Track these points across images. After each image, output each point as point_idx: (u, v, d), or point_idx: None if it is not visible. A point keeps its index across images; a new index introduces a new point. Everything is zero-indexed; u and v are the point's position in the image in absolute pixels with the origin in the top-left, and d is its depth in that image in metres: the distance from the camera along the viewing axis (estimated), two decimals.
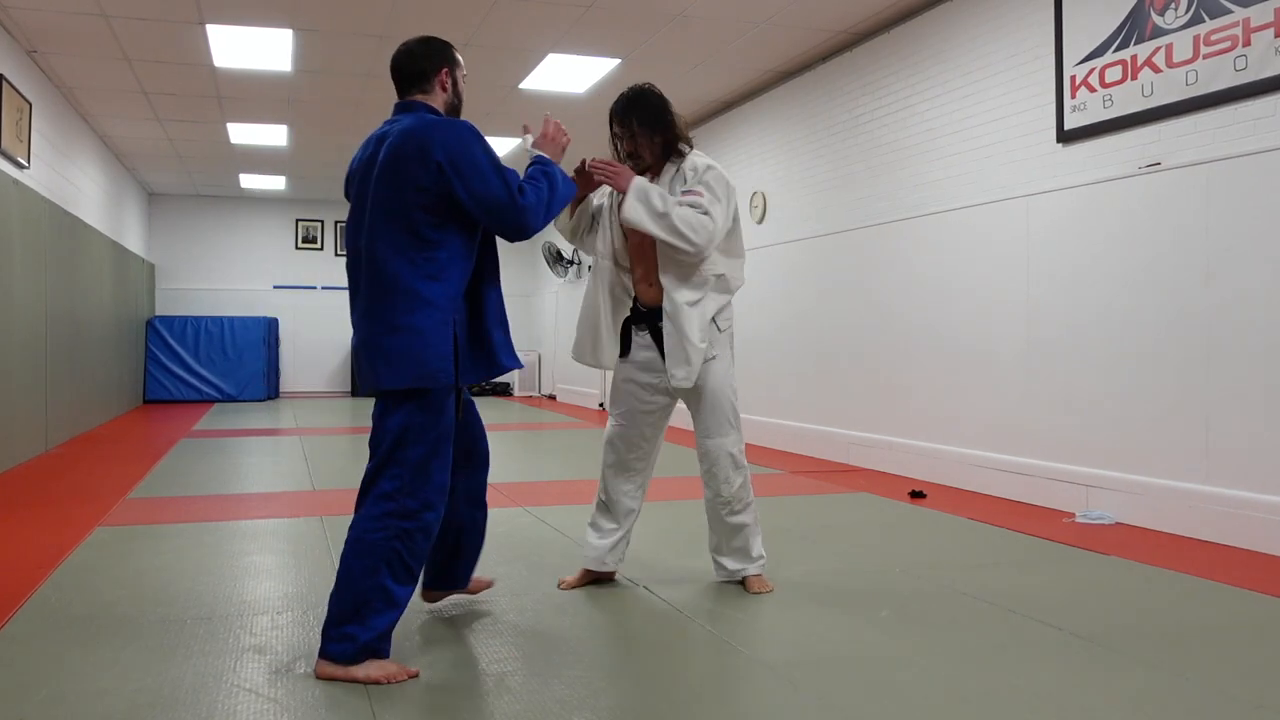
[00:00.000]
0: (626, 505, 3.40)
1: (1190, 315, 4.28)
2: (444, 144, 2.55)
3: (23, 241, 6.73)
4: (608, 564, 3.39)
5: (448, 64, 2.76)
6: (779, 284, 7.67)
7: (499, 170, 2.57)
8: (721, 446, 3.28)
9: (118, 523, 4.58)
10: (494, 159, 2.59)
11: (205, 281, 14.15)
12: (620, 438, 3.39)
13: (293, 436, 8.69)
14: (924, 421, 6.01)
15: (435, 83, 2.75)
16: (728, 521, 3.32)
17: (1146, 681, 2.50)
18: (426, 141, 2.55)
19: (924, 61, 6.03)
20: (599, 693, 2.40)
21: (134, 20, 6.37)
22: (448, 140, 2.56)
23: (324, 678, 2.47)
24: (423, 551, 2.61)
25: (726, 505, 3.30)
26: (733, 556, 3.36)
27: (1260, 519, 3.97)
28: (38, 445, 7.13)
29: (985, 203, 5.50)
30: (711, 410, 3.28)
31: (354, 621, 2.48)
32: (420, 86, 2.75)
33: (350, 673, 2.46)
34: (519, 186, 2.59)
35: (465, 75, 2.85)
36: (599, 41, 6.83)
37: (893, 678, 2.50)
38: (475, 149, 2.57)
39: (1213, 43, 4.18)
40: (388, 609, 2.52)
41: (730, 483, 3.28)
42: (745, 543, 3.34)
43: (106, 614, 3.06)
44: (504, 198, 2.55)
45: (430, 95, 2.75)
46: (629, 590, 3.37)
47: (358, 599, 2.49)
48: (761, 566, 3.36)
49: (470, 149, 2.56)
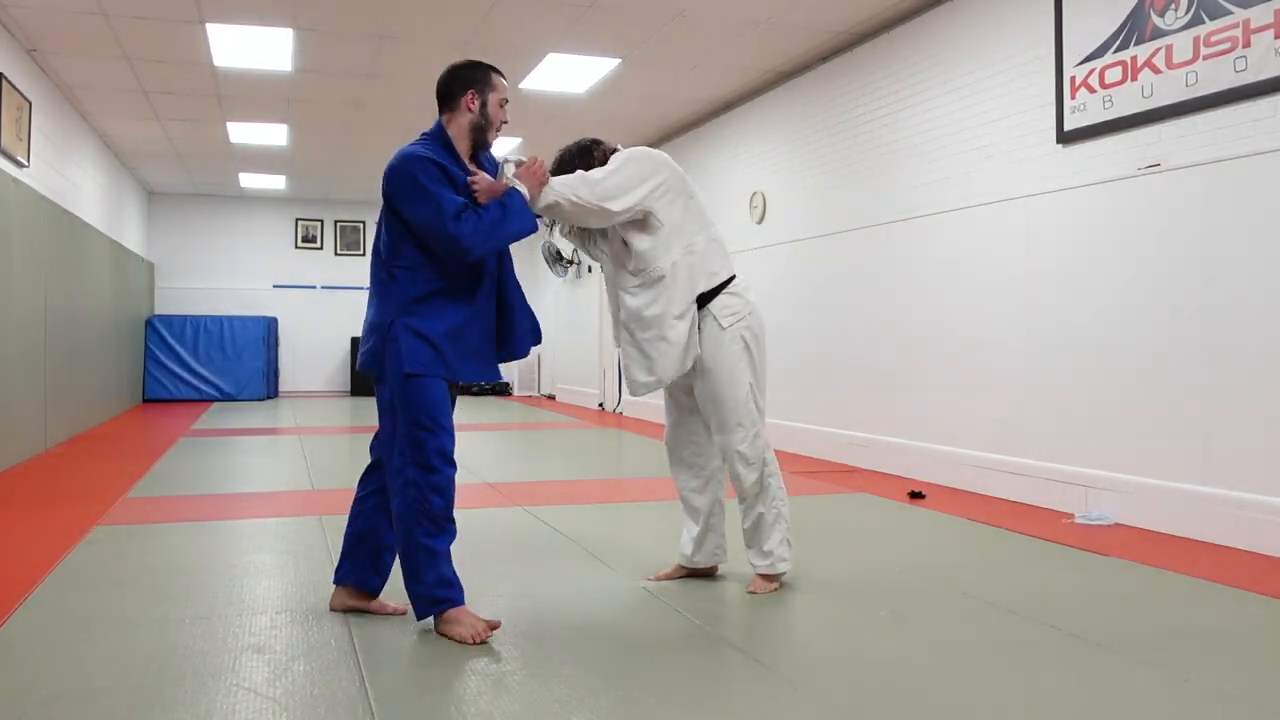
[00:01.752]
0: (693, 502, 3.45)
1: (1190, 316, 4.28)
2: (391, 173, 2.90)
3: (22, 240, 6.72)
4: (697, 561, 3.47)
5: (475, 86, 2.98)
6: (778, 284, 7.67)
7: (434, 199, 2.82)
8: (729, 444, 3.29)
9: (117, 522, 4.58)
10: (431, 189, 2.83)
11: (205, 281, 14.14)
12: (672, 436, 3.49)
13: (292, 436, 8.69)
14: (923, 422, 6.01)
15: (461, 103, 2.97)
16: (745, 515, 3.37)
17: (1146, 682, 2.50)
18: (387, 170, 2.92)
19: (924, 62, 6.03)
20: (599, 693, 2.40)
21: (134, 19, 6.36)
22: (393, 170, 2.90)
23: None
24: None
25: (743, 500, 3.36)
26: (751, 549, 3.40)
27: (1260, 520, 3.96)
28: (37, 444, 7.12)
29: (985, 203, 5.50)
30: (716, 408, 3.29)
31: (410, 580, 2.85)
32: (448, 106, 3.00)
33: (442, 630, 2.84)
34: (456, 213, 2.81)
35: (506, 100, 3.04)
36: (599, 41, 6.83)
37: (892, 678, 2.50)
38: (417, 179, 2.85)
39: (1213, 44, 4.18)
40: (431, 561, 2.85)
41: (742, 479, 3.29)
42: (758, 536, 3.35)
43: (105, 613, 3.06)
44: (434, 224, 2.81)
45: (456, 114, 2.99)
46: (629, 590, 3.37)
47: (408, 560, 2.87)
48: (770, 564, 3.34)
49: (411, 179, 2.85)
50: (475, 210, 2.85)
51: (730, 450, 3.28)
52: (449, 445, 2.94)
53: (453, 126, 2.99)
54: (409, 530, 2.85)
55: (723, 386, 3.25)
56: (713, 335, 3.25)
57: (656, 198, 3.18)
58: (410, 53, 7.07)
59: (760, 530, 3.34)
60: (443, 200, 2.81)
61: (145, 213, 13.52)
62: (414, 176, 2.84)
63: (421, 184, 2.83)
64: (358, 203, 14.71)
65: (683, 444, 3.46)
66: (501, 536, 4.22)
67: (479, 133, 3.00)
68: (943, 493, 5.48)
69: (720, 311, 3.26)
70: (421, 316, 2.88)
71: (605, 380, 11.94)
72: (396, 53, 7.07)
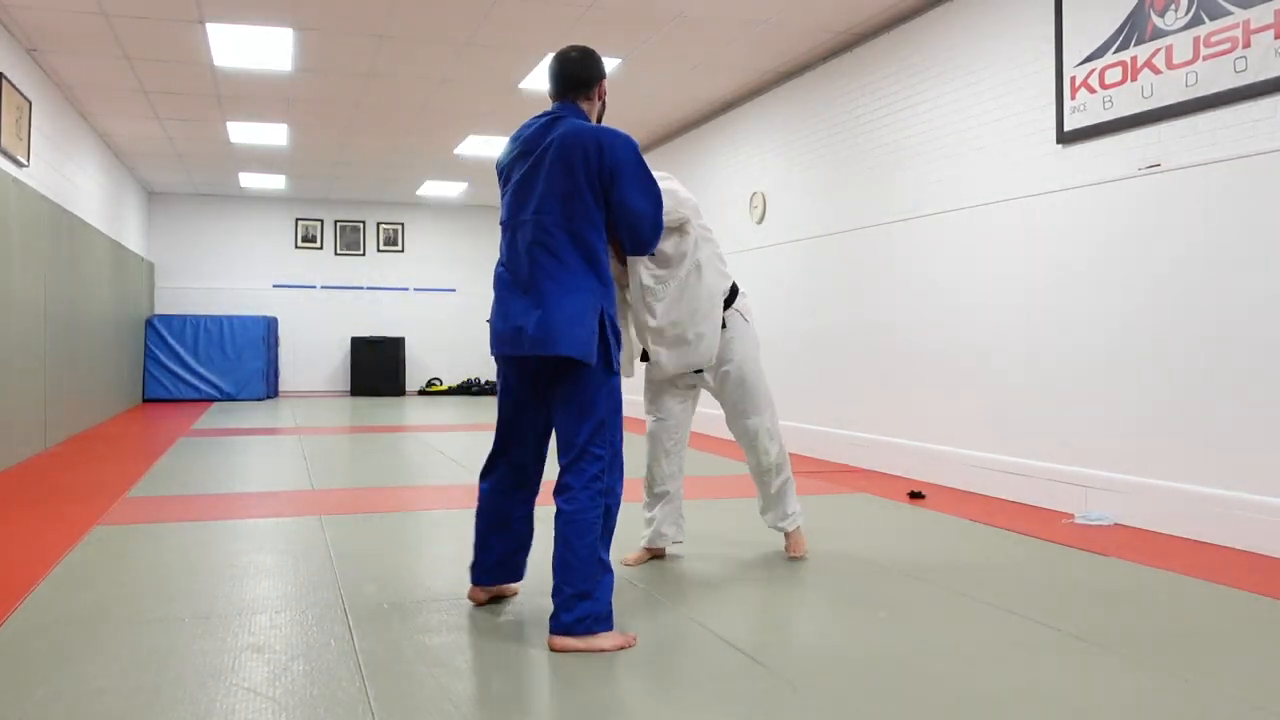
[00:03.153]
0: (667, 487, 3.78)
1: (1190, 316, 4.28)
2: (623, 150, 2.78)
3: (22, 240, 6.72)
4: (670, 537, 3.80)
5: (603, 76, 3.01)
6: (778, 284, 7.67)
7: (655, 193, 2.82)
8: (759, 424, 3.71)
9: (116, 521, 4.57)
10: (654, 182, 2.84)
11: (204, 280, 14.14)
12: (661, 429, 3.74)
13: (292, 436, 8.68)
14: (923, 422, 6.01)
15: (595, 91, 2.98)
16: (768, 484, 3.80)
17: (1145, 682, 2.49)
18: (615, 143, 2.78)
19: (924, 62, 6.03)
20: (598, 693, 2.40)
21: (134, 19, 6.36)
22: (626, 148, 2.79)
23: (561, 650, 2.66)
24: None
25: (767, 472, 3.78)
26: (773, 513, 3.85)
27: (1259, 520, 3.96)
28: (36, 444, 7.12)
29: (985, 204, 5.50)
30: (747, 393, 3.67)
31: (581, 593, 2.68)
32: (584, 93, 2.95)
33: (593, 643, 2.67)
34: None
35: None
36: (599, 41, 6.82)
37: (892, 678, 2.50)
38: (646, 168, 2.82)
39: (1213, 44, 4.18)
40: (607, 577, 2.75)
41: (769, 453, 3.74)
42: (783, 501, 3.82)
43: (105, 613, 3.06)
44: (650, 218, 2.82)
45: (591, 102, 2.97)
46: (629, 590, 3.37)
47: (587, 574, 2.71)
48: (795, 519, 3.83)
49: (643, 166, 2.81)
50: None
51: (760, 429, 3.70)
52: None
53: (588, 112, 2.95)
54: (587, 538, 2.70)
55: (753, 374, 3.68)
56: (741, 329, 3.66)
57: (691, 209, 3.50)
58: (410, 53, 7.07)
59: (785, 495, 3.80)
60: (659, 195, 2.83)
61: (145, 213, 13.52)
62: (644, 164, 2.82)
63: (648, 173, 2.81)
64: (358, 203, 14.72)
65: (669, 435, 3.75)
66: None
67: (601, 121, 3.01)
68: (943, 493, 5.48)
69: (743, 309, 3.71)
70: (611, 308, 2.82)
71: None
72: (396, 53, 7.07)
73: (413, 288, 15.04)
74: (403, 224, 15.03)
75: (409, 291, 15.03)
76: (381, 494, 5.51)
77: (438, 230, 15.12)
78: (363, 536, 4.28)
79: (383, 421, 10.03)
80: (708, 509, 4.88)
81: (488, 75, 7.67)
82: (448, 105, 8.69)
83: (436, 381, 14.93)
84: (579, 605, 2.67)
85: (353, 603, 3.19)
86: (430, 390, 14.81)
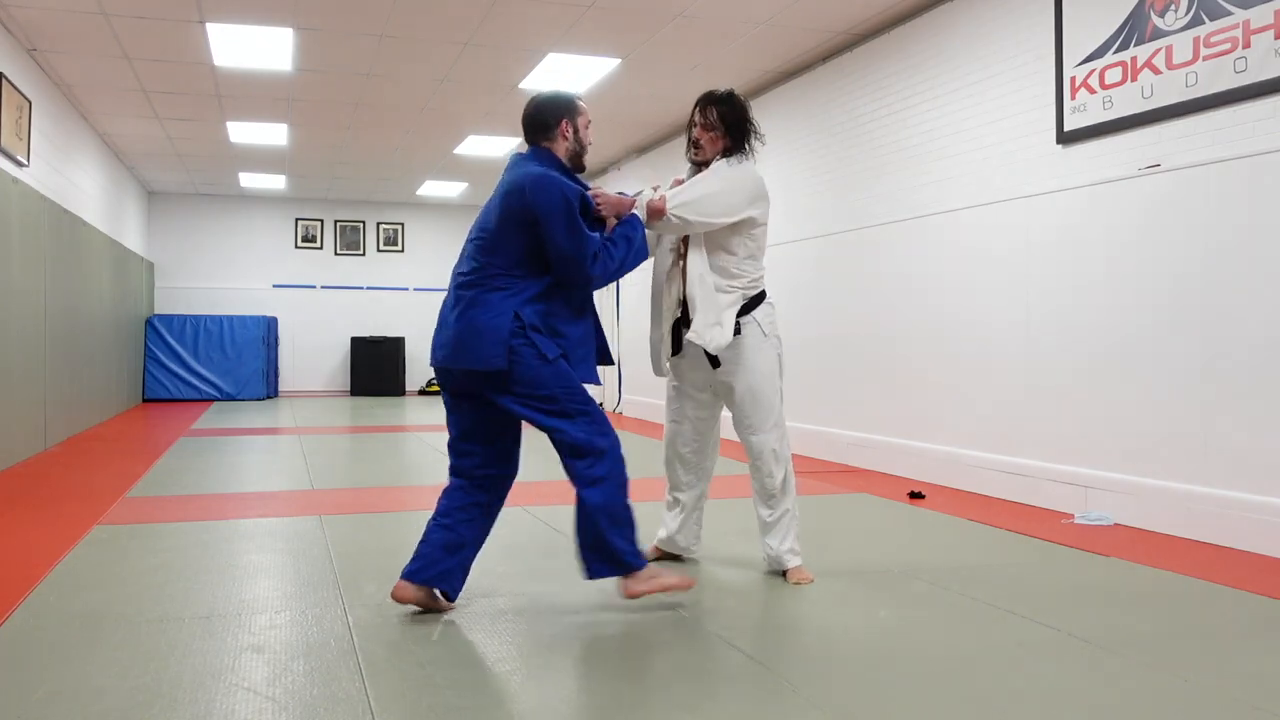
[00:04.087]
0: (681, 496, 3.70)
1: (1190, 316, 4.28)
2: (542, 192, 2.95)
3: (22, 240, 6.72)
4: (677, 542, 3.74)
5: (567, 115, 3.15)
6: (778, 284, 7.64)
7: (581, 236, 2.95)
8: (764, 442, 3.49)
9: (116, 521, 4.57)
10: (580, 224, 2.97)
11: (204, 280, 14.14)
12: (677, 435, 3.67)
13: (291, 435, 8.68)
14: (923, 422, 6.01)
15: (557, 132, 3.14)
16: (768, 511, 3.55)
17: (1145, 682, 2.50)
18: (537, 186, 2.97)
19: (924, 62, 6.03)
20: (598, 692, 2.40)
21: (134, 19, 6.36)
22: (546, 191, 2.96)
23: (638, 595, 3.00)
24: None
25: (771, 497, 3.53)
26: (773, 544, 3.55)
27: (1259, 520, 3.97)
28: (36, 444, 7.12)
29: (985, 204, 5.50)
30: (755, 408, 3.49)
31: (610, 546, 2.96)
32: (545, 135, 3.15)
33: (657, 583, 3.01)
34: (594, 254, 2.98)
35: (589, 122, 3.22)
36: (599, 41, 6.83)
37: (893, 677, 2.50)
38: (572, 210, 2.95)
39: (1213, 45, 4.18)
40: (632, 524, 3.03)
41: (773, 476, 3.51)
42: (784, 532, 3.53)
43: (105, 612, 3.06)
44: (575, 259, 2.96)
45: (555, 143, 3.14)
46: None
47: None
48: (795, 555, 3.53)
49: (566, 207, 2.94)
50: (607, 250, 3.04)
51: (765, 448, 3.49)
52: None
53: (557, 151, 3.13)
54: (616, 498, 2.99)
55: (764, 389, 3.49)
56: (756, 340, 3.51)
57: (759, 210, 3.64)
58: (410, 53, 7.07)
59: (785, 528, 3.53)
60: (588, 240, 2.97)
61: (145, 212, 13.52)
62: (569, 206, 2.95)
63: (574, 217, 2.95)
64: (358, 203, 14.72)
65: (686, 442, 3.66)
66: (501, 536, 4.21)
67: (576, 159, 3.17)
68: (943, 493, 5.48)
69: (763, 319, 3.57)
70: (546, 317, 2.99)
71: (605, 380, 11.93)
72: (396, 53, 7.07)
73: (413, 288, 15.04)
74: (402, 224, 15.03)
75: (409, 291, 15.03)
76: (381, 494, 5.51)
77: (437, 230, 15.12)
78: (363, 536, 4.28)
79: (383, 421, 10.03)
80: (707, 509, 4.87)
81: (488, 75, 7.67)
82: (448, 105, 8.68)
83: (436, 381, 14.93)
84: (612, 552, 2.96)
85: (352, 603, 3.19)
86: (430, 390, 14.81)
